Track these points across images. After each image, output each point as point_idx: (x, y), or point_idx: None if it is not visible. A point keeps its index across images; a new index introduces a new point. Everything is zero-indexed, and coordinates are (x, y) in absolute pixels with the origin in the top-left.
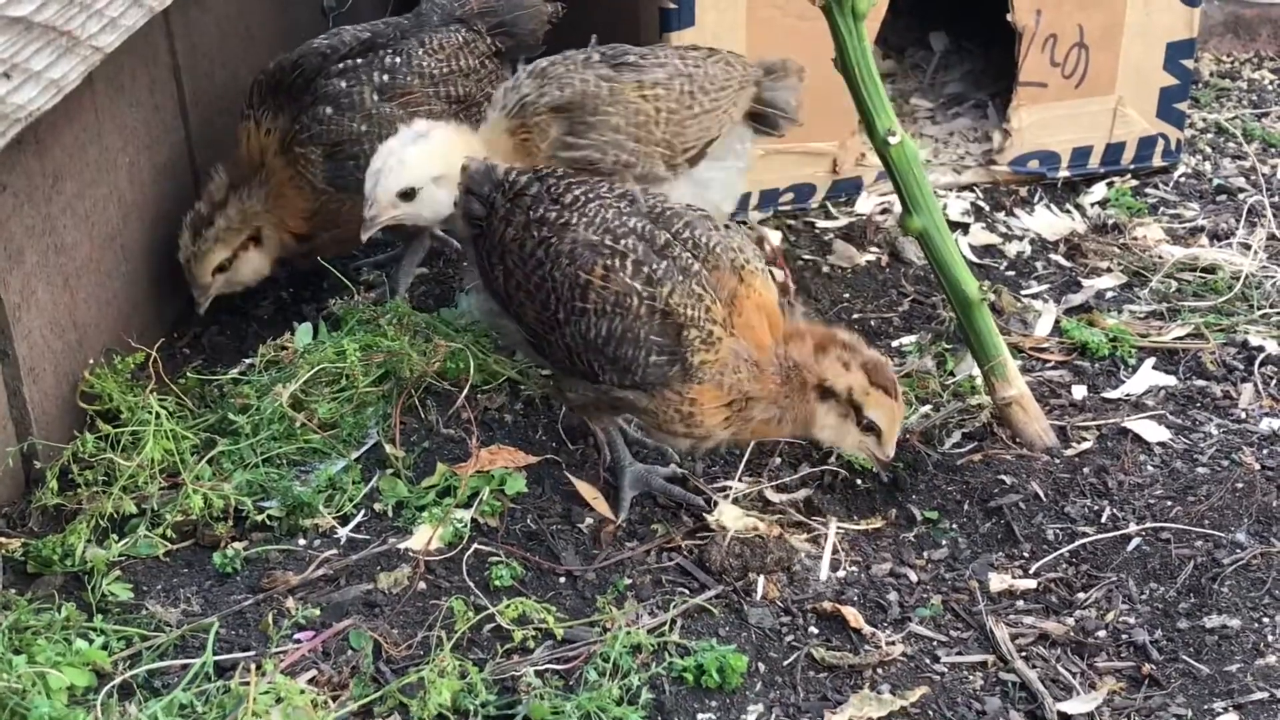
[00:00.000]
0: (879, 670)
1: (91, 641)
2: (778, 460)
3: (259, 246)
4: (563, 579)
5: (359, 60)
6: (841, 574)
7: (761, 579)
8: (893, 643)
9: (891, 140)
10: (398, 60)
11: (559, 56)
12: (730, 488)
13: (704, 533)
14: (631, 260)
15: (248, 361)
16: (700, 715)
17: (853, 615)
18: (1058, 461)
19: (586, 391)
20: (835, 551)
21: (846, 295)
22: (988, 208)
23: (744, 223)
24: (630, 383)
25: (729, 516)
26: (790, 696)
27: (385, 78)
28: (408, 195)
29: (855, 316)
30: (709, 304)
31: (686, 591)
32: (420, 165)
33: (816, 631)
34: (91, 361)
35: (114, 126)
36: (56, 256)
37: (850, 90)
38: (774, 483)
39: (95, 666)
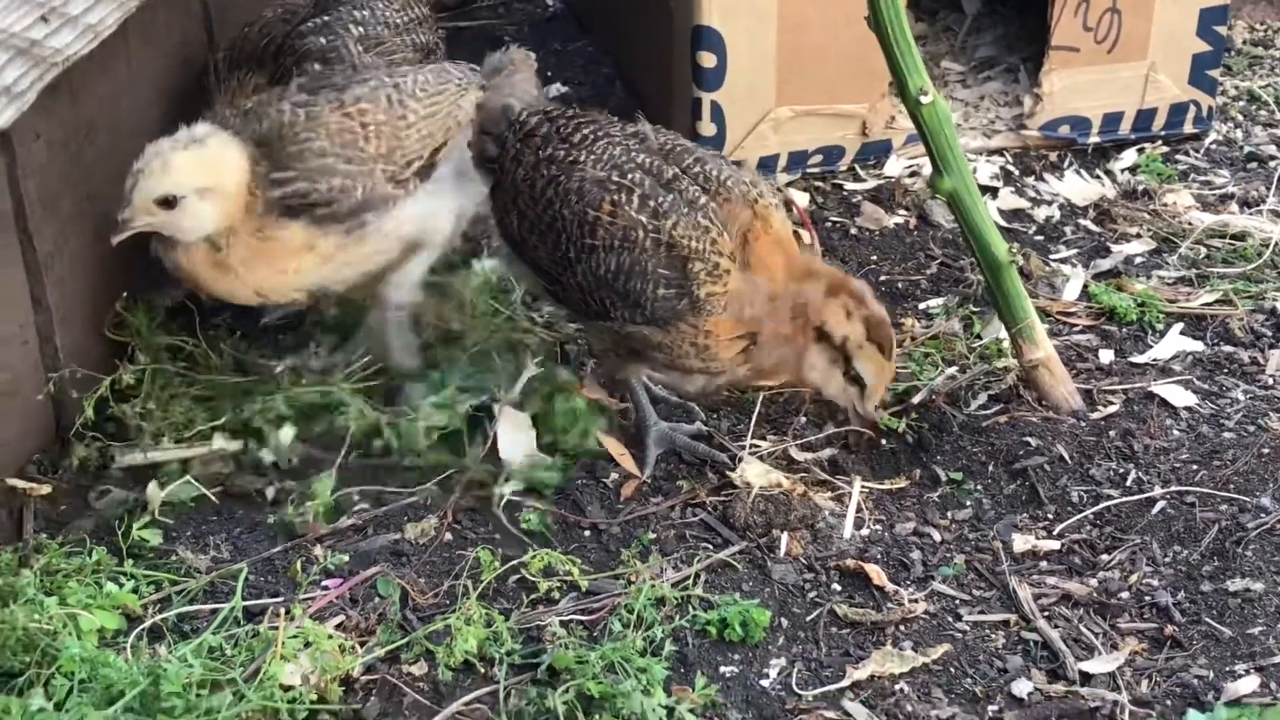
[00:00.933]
0: (901, 627)
1: (122, 585)
2: (803, 419)
3: None
4: (588, 532)
5: (326, 16)
6: (865, 532)
7: (785, 536)
8: (915, 601)
9: (923, 100)
10: (365, 13)
11: (264, 95)
12: (755, 445)
13: (728, 489)
14: (638, 195)
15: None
16: (723, 668)
17: (876, 573)
18: (1083, 424)
19: (603, 333)
20: (859, 510)
21: (874, 258)
22: (1017, 172)
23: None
24: (641, 318)
25: (753, 473)
26: (812, 651)
27: (360, 29)
28: (168, 203)
29: (882, 279)
30: (715, 236)
31: (710, 547)
32: (186, 172)
33: (839, 588)
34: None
35: (146, 78)
36: (90, 205)
37: (883, 49)
38: (799, 441)
39: (125, 610)
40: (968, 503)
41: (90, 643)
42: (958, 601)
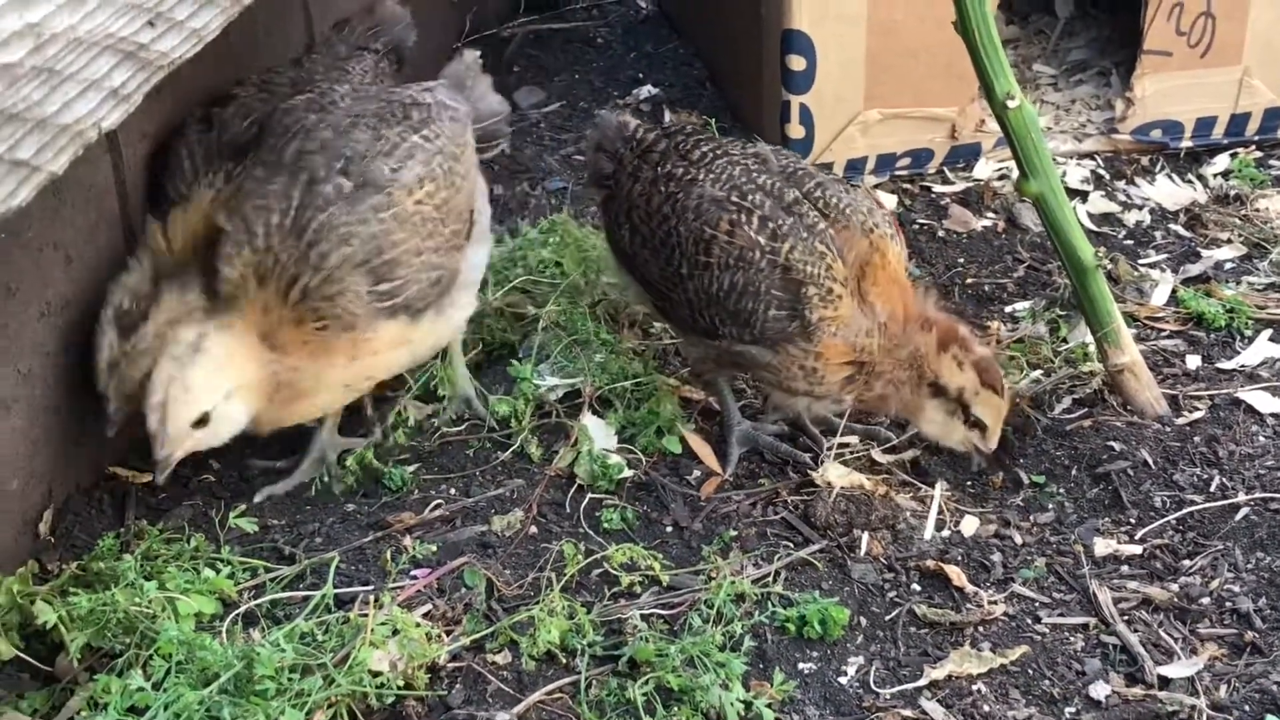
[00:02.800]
0: (980, 628)
1: (218, 571)
2: (885, 421)
3: None
4: (670, 529)
5: (310, 94)
6: (946, 534)
7: (866, 536)
8: (995, 602)
9: (1010, 104)
10: (346, 86)
11: (275, 205)
12: (838, 446)
13: (809, 489)
14: (758, 216)
15: None
16: (801, 664)
17: (956, 574)
18: (1168, 430)
19: (707, 349)
20: (940, 512)
21: (961, 260)
22: (1108, 176)
23: (857, 186)
24: (750, 338)
25: (835, 474)
26: (891, 650)
27: (347, 102)
28: (202, 422)
29: (969, 281)
30: (830, 262)
31: (791, 545)
32: (209, 386)
33: (919, 588)
34: None
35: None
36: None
37: (970, 54)
38: (882, 444)
39: (221, 595)
40: (1050, 506)
41: (187, 626)
42: (1037, 604)
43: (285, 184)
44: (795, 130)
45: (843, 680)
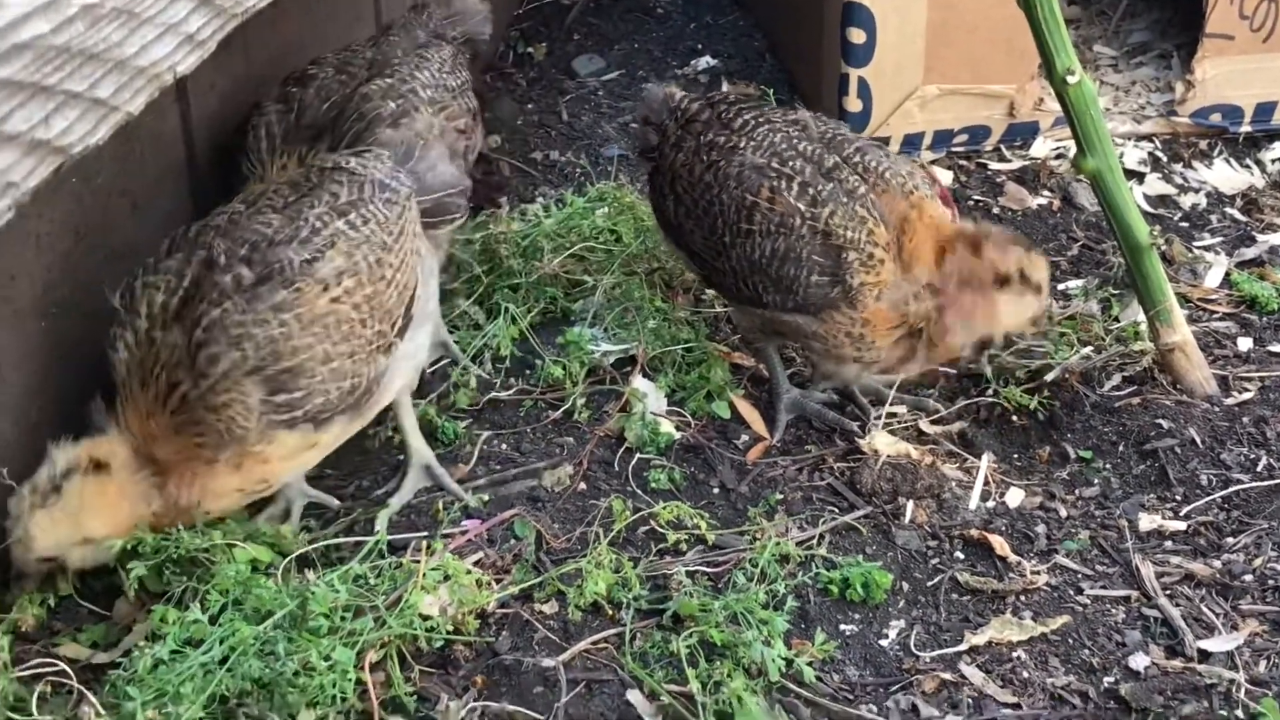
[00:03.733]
0: (1022, 597)
1: None
2: (934, 393)
3: None
4: (716, 490)
5: (389, 79)
6: (991, 504)
7: (911, 504)
8: (1037, 572)
9: (1070, 79)
10: (427, 74)
11: (171, 280)
12: (885, 416)
13: (856, 456)
14: (798, 182)
15: None
16: (843, 625)
17: (999, 543)
18: (1217, 410)
19: (754, 317)
20: (986, 483)
21: None
22: (1165, 158)
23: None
24: (792, 304)
25: (882, 442)
26: (932, 615)
27: (428, 92)
28: (50, 559)
29: None
30: (872, 227)
31: (836, 510)
32: (51, 535)
33: (962, 557)
34: None
35: (314, 37)
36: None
37: (1031, 28)
38: (930, 415)
39: (278, 543)
40: (1096, 481)
41: (244, 569)
42: (1080, 575)
43: (180, 261)
44: (853, 104)
45: (883, 642)
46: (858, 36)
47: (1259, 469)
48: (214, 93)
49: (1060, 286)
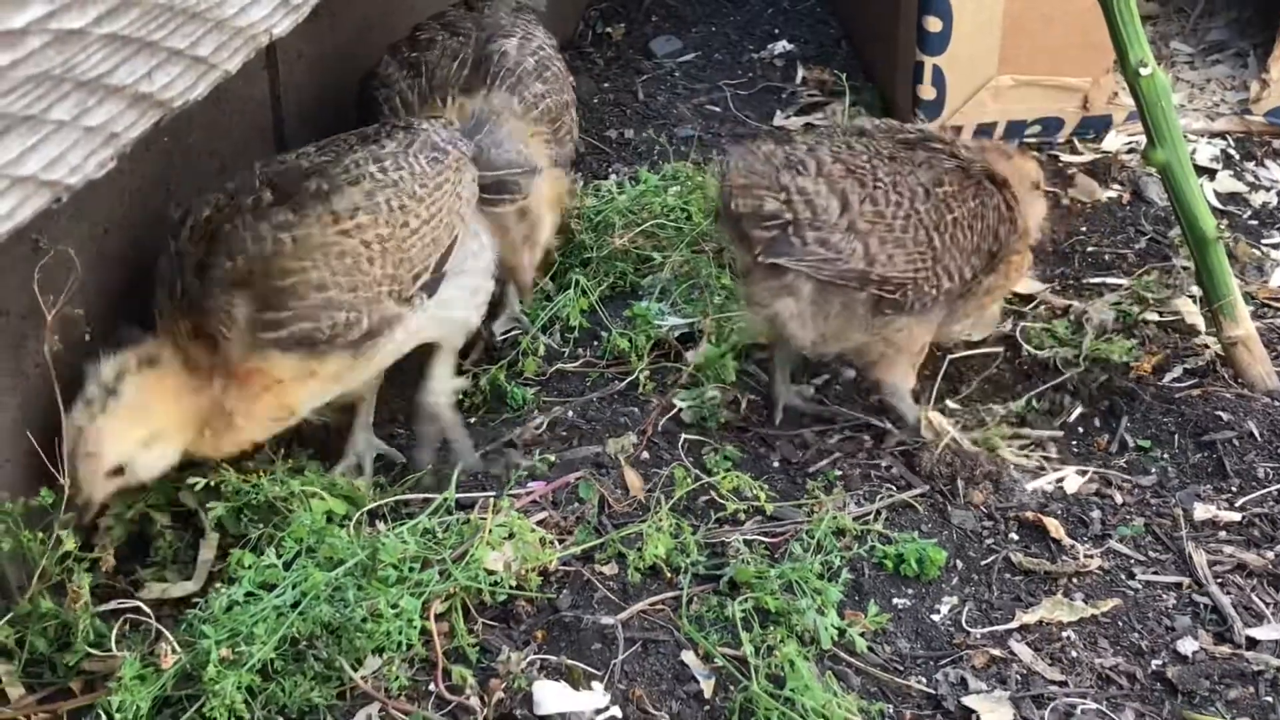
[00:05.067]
0: (1074, 579)
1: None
2: (993, 377)
3: None
4: (776, 464)
5: (513, 38)
6: (1048, 489)
7: (968, 485)
8: (1091, 556)
9: (1143, 71)
10: (542, 34)
11: (218, 198)
12: (947, 403)
13: (916, 438)
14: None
15: None
16: (896, 599)
17: (1054, 526)
18: (1277, 403)
19: (923, 323)
20: (1043, 468)
21: (1083, 229)
22: (1237, 156)
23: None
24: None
25: (943, 425)
26: (984, 593)
27: (534, 59)
28: (119, 471)
29: (1090, 250)
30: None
31: (893, 489)
32: (116, 438)
33: (1016, 538)
34: None
35: (401, 6)
36: (339, 127)
37: (1106, 19)
38: (989, 401)
39: (353, 496)
40: (1153, 470)
41: (319, 520)
42: (1132, 561)
43: (234, 185)
44: (927, 91)
45: (935, 617)
46: (934, 25)
47: None
48: (301, 61)
49: (1126, 280)
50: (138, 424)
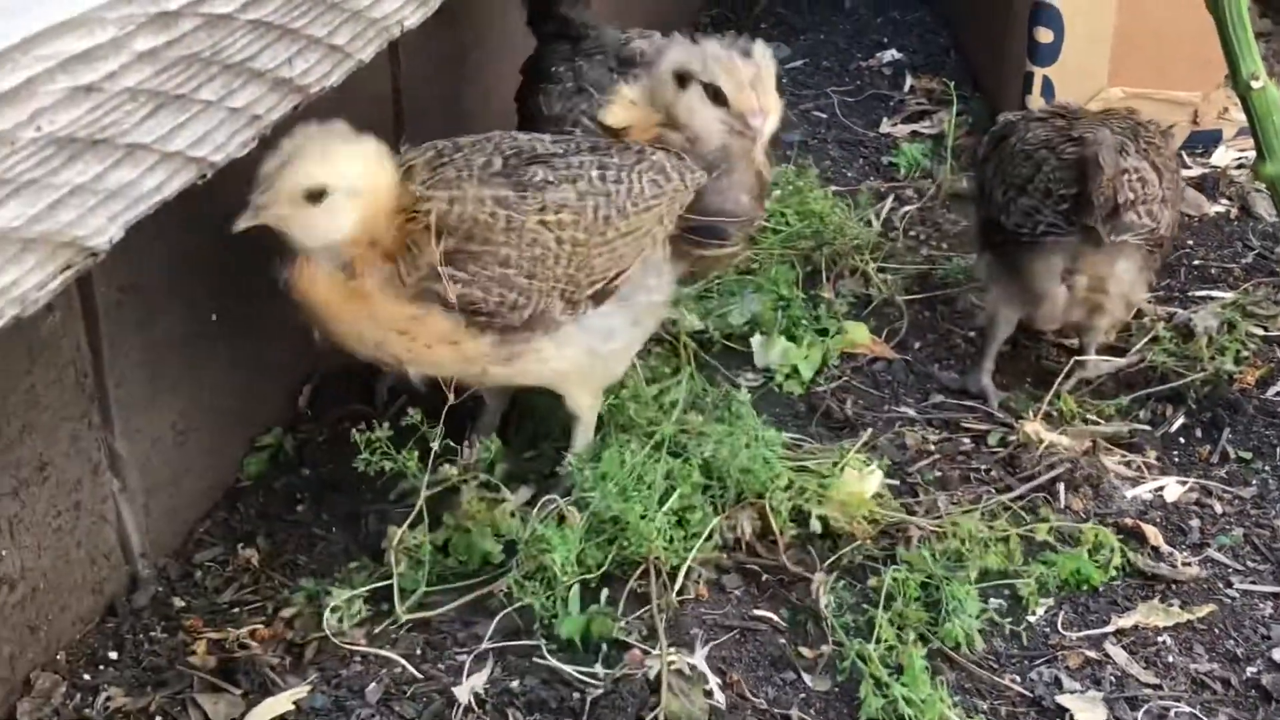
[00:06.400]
0: (1171, 586)
1: None
2: (1095, 384)
3: None
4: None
5: (649, 38)
6: (1148, 496)
7: (1067, 490)
8: (1188, 564)
9: (1254, 85)
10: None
11: (467, 145)
12: (1048, 402)
13: (1017, 442)
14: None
15: None
16: (992, 599)
17: (1152, 533)
18: None
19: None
20: (1144, 475)
21: (1190, 242)
22: None
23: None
24: None
25: (1043, 428)
26: (1080, 597)
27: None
28: (315, 196)
29: (1196, 263)
30: None
31: (991, 490)
32: (346, 166)
33: (1115, 544)
34: None
35: (517, 8)
36: (456, 122)
37: (1219, 31)
38: (1090, 408)
39: None
40: (1254, 481)
41: None
42: (1230, 570)
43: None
44: (1035, 102)
45: (1031, 618)
46: (1045, 36)
47: None
48: (421, 56)
49: (1230, 295)
50: (364, 172)
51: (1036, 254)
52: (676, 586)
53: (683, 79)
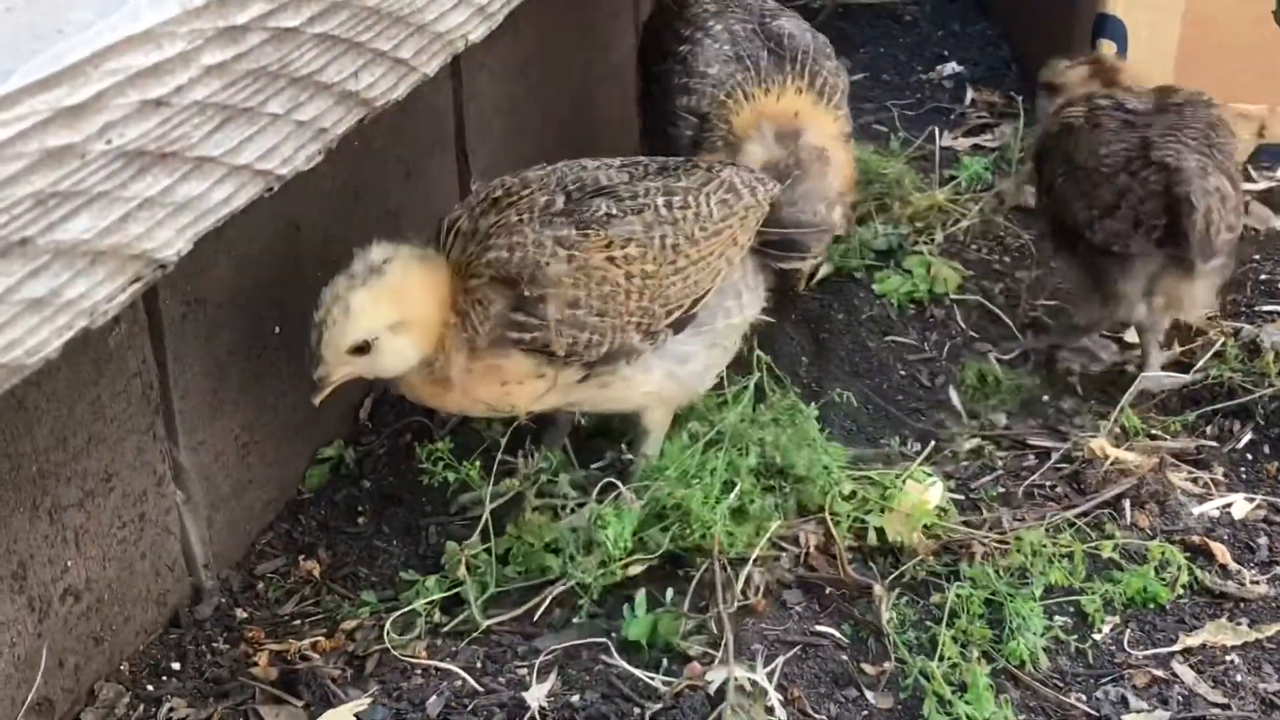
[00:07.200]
0: (1239, 605)
1: None
2: (1160, 399)
3: None
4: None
5: (786, 17)
6: (1215, 514)
7: (1133, 507)
8: (1257, 582)
9: None
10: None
11: (518, 185)
12: (1112, 422)
13: (1082, 458)
14: None
15: None
16: (1057, 617)
17: (1220, 551)
18: None
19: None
20: (1211, 492)
21: (1256, 256)
22: None
23: None
24: None
25: (1109, 444)
26: (1147, 615)
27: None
28: (362, 349)
29: (1262, 278)
30: None
31: (1055, 506)
32: (370, 312)
33: (1182, 561)
34: None
35: (575, 23)
36: (517, 135)
37: None
38: (1156, 424)
39: None
40: None
41: None
42: None
43: (533, 172)
44: None
45: (1097, 637)
46: (1108, 48)
47: None
48: (483, 71)
49: None
50: (394, 307)
51: (1122, 269)
52: (740, 583)
53: None
